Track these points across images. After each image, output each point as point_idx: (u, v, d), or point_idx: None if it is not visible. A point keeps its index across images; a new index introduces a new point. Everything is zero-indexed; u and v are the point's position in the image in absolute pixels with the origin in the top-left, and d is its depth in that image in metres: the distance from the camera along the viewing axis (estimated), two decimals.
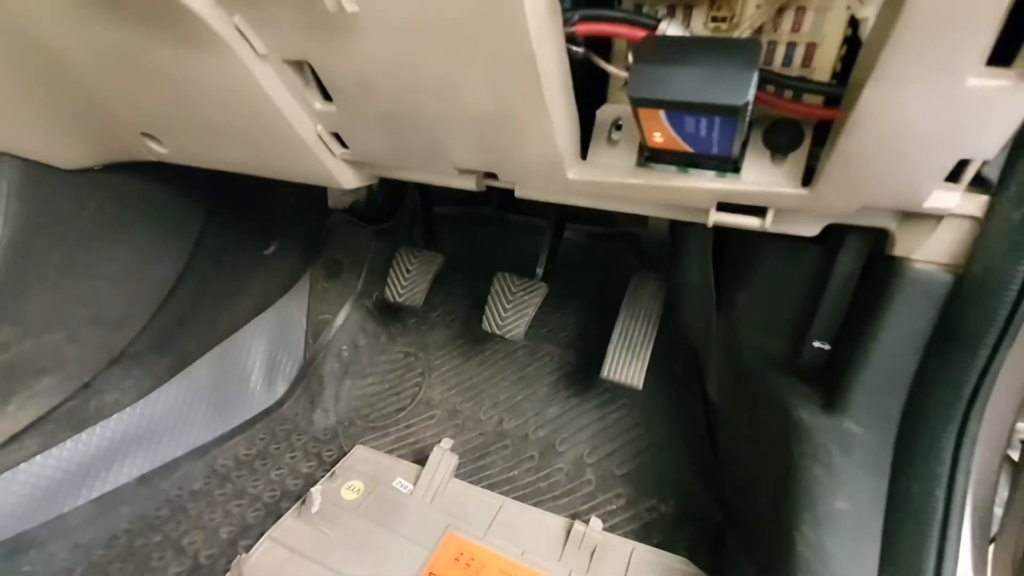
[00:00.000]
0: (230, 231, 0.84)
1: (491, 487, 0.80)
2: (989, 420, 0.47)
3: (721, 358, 0.69)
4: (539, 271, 0.86)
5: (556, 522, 0.74)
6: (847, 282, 0.47)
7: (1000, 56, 0.27)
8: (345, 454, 0.85)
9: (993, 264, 0.38)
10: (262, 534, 0.69)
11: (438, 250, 0.94)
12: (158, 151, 0.58)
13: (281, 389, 0.96)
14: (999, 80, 0.27)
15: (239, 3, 0.36)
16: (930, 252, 0.40)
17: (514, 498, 0.78)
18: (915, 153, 0.32)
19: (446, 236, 1.07)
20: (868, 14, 0.33)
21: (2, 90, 0.51)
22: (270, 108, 0.44)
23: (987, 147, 0.31)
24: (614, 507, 0.77)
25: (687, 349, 0.81)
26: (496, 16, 0.31)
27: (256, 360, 0.94)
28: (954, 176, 0.35)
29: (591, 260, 0.96)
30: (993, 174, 0.37)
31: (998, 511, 0.63)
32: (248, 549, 0.67)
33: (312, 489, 0.73)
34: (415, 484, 0.78)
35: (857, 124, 0.31)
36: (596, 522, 0.71)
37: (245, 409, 0.91)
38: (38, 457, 0.66)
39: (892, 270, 0.42)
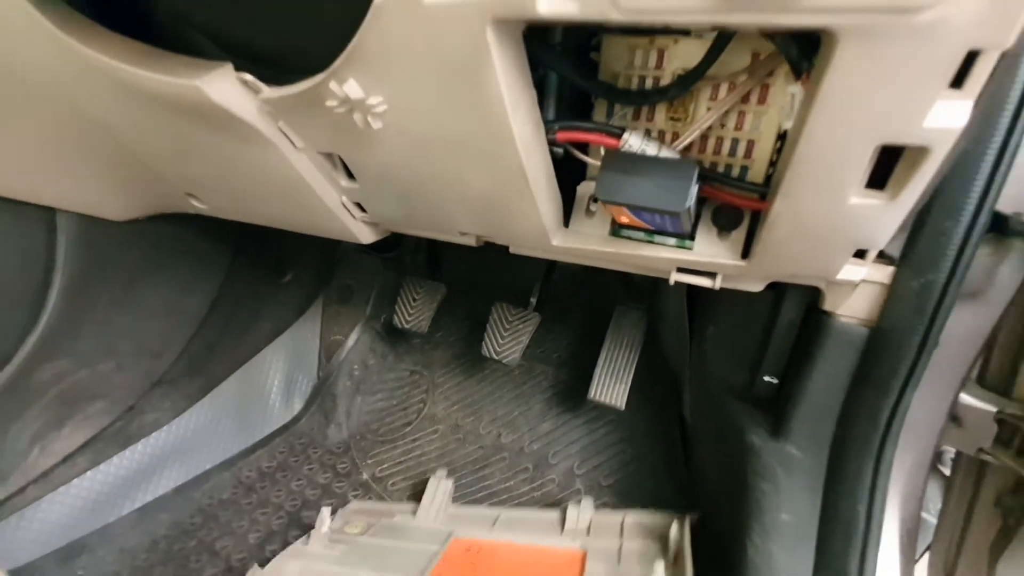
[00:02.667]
0: (252, 264, 0.93)
1: (489, 496, 0.89)
2: (909, 446, 0.56)
3: (694, 384, 0.77)
4: (533, 300, 0.95)
5: (552, 513, 0.80)
6: (789, 328, 0.56)
7: (878, 179, 0.36)
8: (357, 466, 0.93)
9: (898, 322, 0.46)
10: (286, 541, 0.78)
11: (441, 277, 1.03)
12: (198, 207, 0.67)
13: (298, 406, 1.05)
14: (875, 200, 0.35)
15: (283, 114, 0.45)
16: (850, 309, 0.49)
17: (510, 507, 0.86)
18: (821, 244, 0.40)
19: (448, 264, 1.15)
20: (789, 126, 0.41)
21: (66, 158, 0.60)
22: (303, 184, 0.53)
23: (877, 241, 0.39)
24: None
25: (666, 374, 0.89)
26: (490, 133, 0.40)
27: (275, 379, 1.02)
28: (861, 254, 0.43)
29: (581, 290, 1.05)
30: (896, 251, 0.45)
31: (935, 520, 0.72)
32: (275, 554, 0.75)
33: (323, 509, 0.75)
34: (415, 514, 0.83)
35: (774, 221, 0.40)
36: (587, 500, 0.78)
37: (266, 425, 0.99)
38: (88, 473, 0.75)
39: (822, 321, 0.51)
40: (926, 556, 0.71)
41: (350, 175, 0.52)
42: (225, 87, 0.41)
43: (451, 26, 0.32)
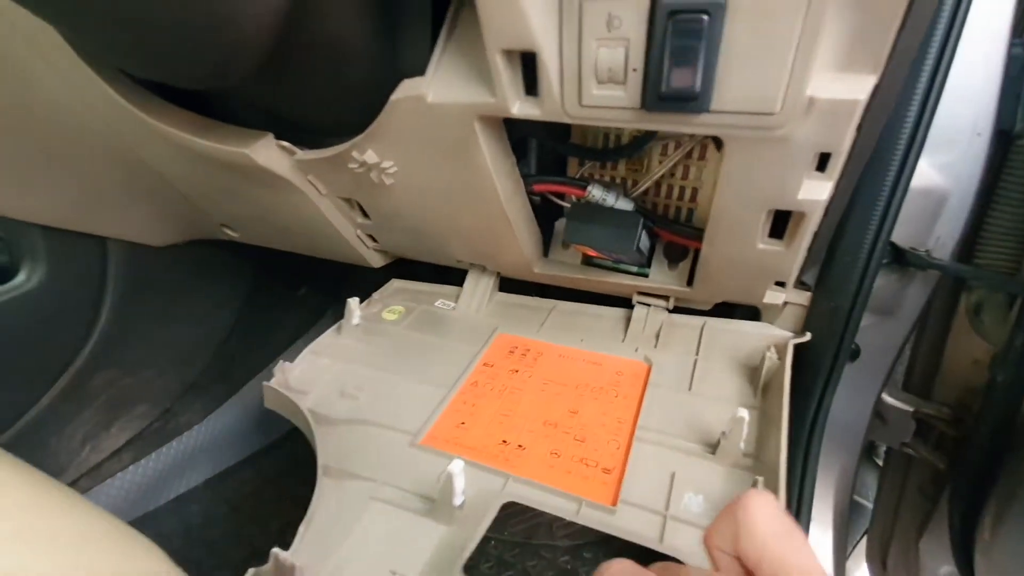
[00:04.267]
0: (270, 280, 1.03)
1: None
2: (838, 441, 0.66)
3: None
4: None
5: (615, 312, 0.66)
6: None
7: (778, 230, 0.45)
8: None
9: (816, 337, 0.56)
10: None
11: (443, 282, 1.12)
12: (231, 234, 0.77)
13: None
14: (776, 247, 0.45)
15: (312, 169, 0.55)
16: (781, 325, 0.59)
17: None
18: (744, 276, 0.50)
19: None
20: None
21: (120, 195, 0.70)
22: (325, 221, 0.63)
23: (786, 276, 0.49)
24: None
25: None
26: (478, 188, 0.50)
27: None
28: (782, 283, 0.53)
29: None
30: (812, 279, 0.55)
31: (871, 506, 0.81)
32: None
33: (349, 300, 0.68)
34: (456, 301, 0.73)
35: (706, 258, 0.50)
36: (659, 302, 0.62)
37: (283, 423, 1.09)
38: (130, 467, 0.85)
39: None
40: (864, 538, 0.80)
41: (365, 214, 0.62)
42: (268, 152, 0.51)
43: (448, 118, 0.42)
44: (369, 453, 0.51)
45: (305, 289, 1.14)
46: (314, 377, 0.62)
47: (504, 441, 0.51)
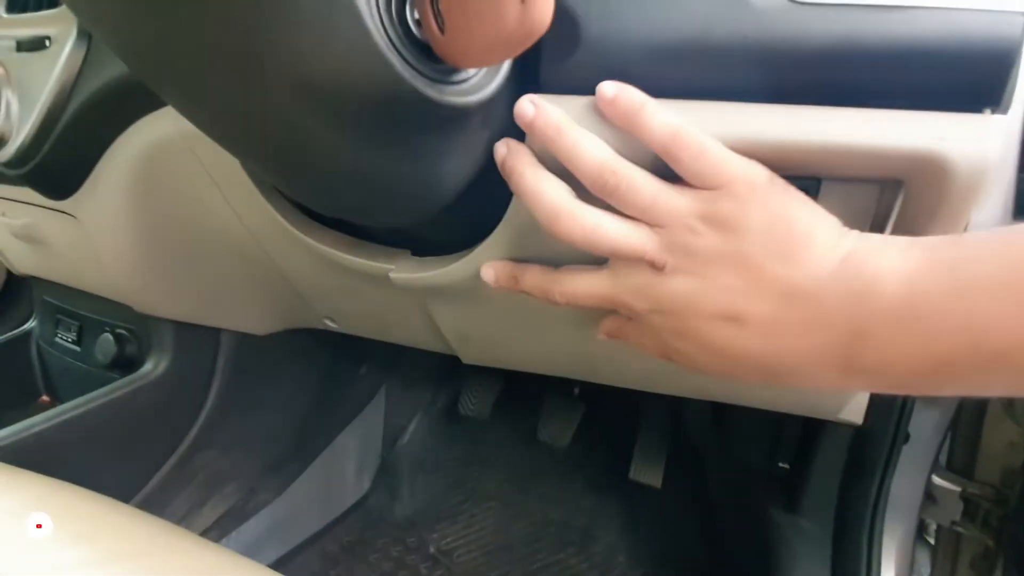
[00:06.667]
0: (338, 361, 1.11)
1: (544, 568, 1.01)
2: (896, 519, 0.72)
3: (719, 466, 0.93)
4: (576, 390, 1.12)
5: None
6: (795, 424, 0.73)
7: None
8: (424, 540, 1.06)
9: (876, 423, 0.63)
10: None
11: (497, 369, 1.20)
12: (330, 325, 0.85)
13: (367, 484, 1.19)
14: None
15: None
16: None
17: None
18: None
19: None
20: None
21: (241, 292, 0.79)
22: (417, 315, 0.71)
23: None
24: None
25: (693, 456, 1.05)
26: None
27: (349, 460, 1.17)
28: None
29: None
30: None
31: None
32: None
33: None
34: None
35: None
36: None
37: (343, 501, 1.13)
38: (214, 545, 0.89)
39: (820, 421, 0.68)
40: None
41: None
42: (407, 274, 0.60)
43: None
44: None
45: (366, 368, 1.21)
46: None
47: None
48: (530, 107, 0.33)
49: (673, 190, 0.31)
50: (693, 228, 0.30)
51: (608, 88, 0.32)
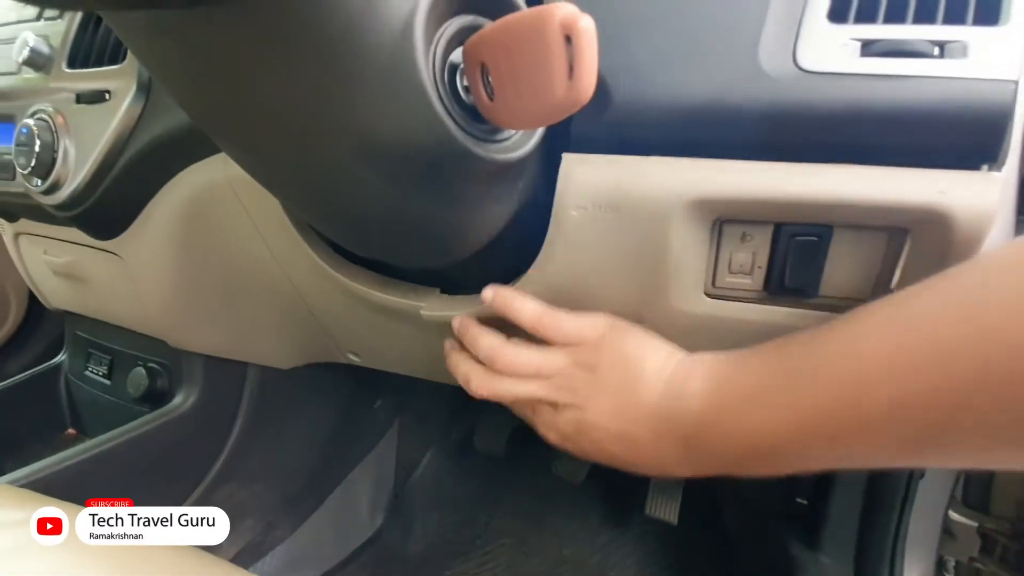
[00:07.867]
0: (355, 395, 1.12)
1: None
2: (915, 555, 0.72)
3: (736, 504, 0.93)
4: None
5: None
6: None
7: None
8: None
9: None
10: None
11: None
12: (353, 359, 0.88)
13: (379, 520, 1.19)
14: None
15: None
16: None
17: None
18: None
19: None
20: None
21: (267, 326, 0.82)
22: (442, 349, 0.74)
23: None
24: None
25: (708, 493, 1.05)
26: None
27: (363, 495, 1.17)
28: None
29: None
30: None
31: None
32: None
33: None
34: None
35: None
36: None
37: (356, 537, 1.12)
38: None
39: None
40: None
41: None
42: (437, 312, 0.63)
43: None
44: None
45: (380, 401, 1.23)
46: None
47: None
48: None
49: (550, 351, 0.44)
50: (571, 375, 0.42)
51: (487, 292, 0.48)
